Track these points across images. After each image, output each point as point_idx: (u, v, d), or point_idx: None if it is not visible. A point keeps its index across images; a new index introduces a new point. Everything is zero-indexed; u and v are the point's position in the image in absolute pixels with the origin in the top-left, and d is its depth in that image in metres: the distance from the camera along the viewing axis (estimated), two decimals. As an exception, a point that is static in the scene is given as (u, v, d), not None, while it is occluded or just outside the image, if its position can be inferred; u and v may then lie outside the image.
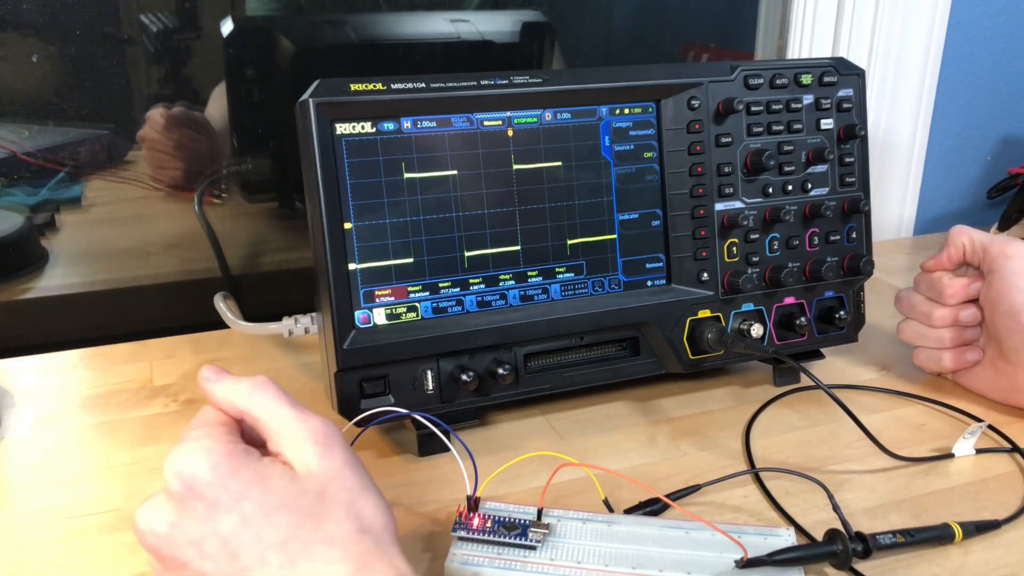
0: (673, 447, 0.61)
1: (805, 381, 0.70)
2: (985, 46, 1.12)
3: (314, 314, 0.67)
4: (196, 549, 0.38)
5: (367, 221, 0.57)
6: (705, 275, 0.64)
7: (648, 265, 0.64)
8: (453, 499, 0.53)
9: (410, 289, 0.58)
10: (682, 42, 1.13)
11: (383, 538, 0.39)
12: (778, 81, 0.65)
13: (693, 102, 0.63)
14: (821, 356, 0.71)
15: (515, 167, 0.60)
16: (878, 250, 0.74)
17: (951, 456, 0.59)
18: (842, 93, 0.67)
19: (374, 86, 0.56)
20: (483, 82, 0.58)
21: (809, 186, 0.66)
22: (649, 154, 0.63)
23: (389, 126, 0.57)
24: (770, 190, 0.65)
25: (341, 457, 0.41)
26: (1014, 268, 0.63)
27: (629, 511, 0.52)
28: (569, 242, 0.62)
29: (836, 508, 0.49)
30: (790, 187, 0.66)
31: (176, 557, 0.38)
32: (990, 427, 0.62)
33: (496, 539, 0.47)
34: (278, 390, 0.43)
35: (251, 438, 0.43)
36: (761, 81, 0.64)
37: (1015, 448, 0.60)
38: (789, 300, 0.68)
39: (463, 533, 0.48)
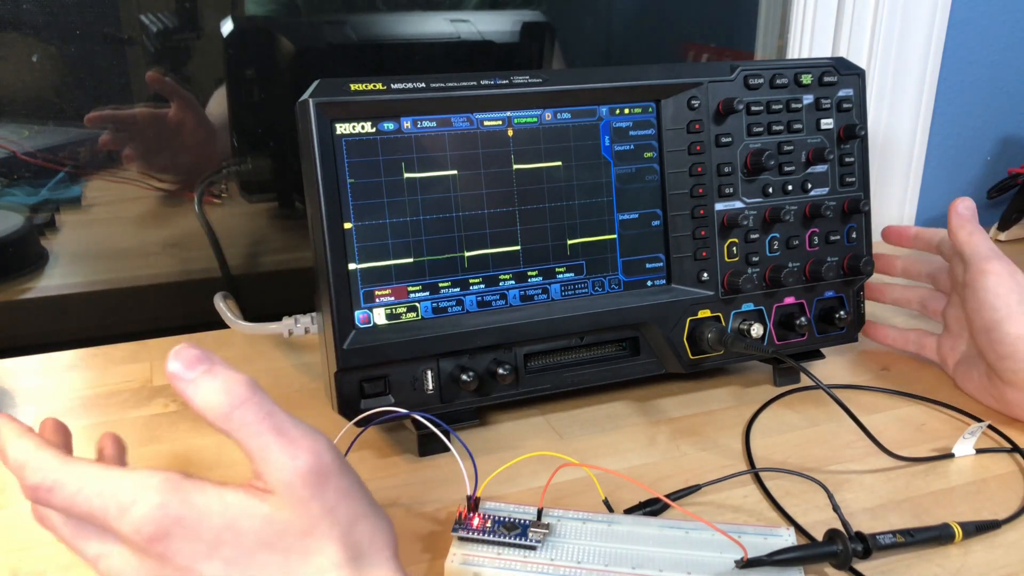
0: (673, 447, 0.61)
1: (805, 381, 0.70)
2: (985, 46, 1.12)
3: (314, 314, 0.67)
4: None
5: (367, 221, 0.56)
6: (705, 275, 0.64)
7: (648, 265, 0.64)
8: (453, 499, 0.53)
9: (410, 289, 0.58)
10: (682, 42, 1.13)
11: (380, 558, 0.38)
12: (778, 81, 0.65)
13: (693, 102, 0.63)
14: (821, 356, 0.71)
15: (515, 167, 0.60)
16: (878, 250, 0.74)
17: (951, 456, 0.59)
18: (842, 93, 0.67)
19: (374, 86, 0.56)
20: (483, 82, 0.58)
21: (809, 186, 0.66)
22: (649, 154, 0.63)
23: (389, 126, 0.57)
24: (770, 190, 0.65)
25: (334, 495, 0.37)
26: (987, 285, 0.63)
27: (629, 511, 0.52)
28: (569, 242, 0.62)
29: (836, 508, 0.49)
30: (790, 187, 0.66)
31: None
32: (990, 427, 0.62)
33: (496, 539, 0.47)
34: (263, 409, 0.36)
35: None
36: (761, 81, 0.64)
37: (1015, 448, 0.60)
38: (789, 300, 0.68)
39: (463, 533, 0.48)
